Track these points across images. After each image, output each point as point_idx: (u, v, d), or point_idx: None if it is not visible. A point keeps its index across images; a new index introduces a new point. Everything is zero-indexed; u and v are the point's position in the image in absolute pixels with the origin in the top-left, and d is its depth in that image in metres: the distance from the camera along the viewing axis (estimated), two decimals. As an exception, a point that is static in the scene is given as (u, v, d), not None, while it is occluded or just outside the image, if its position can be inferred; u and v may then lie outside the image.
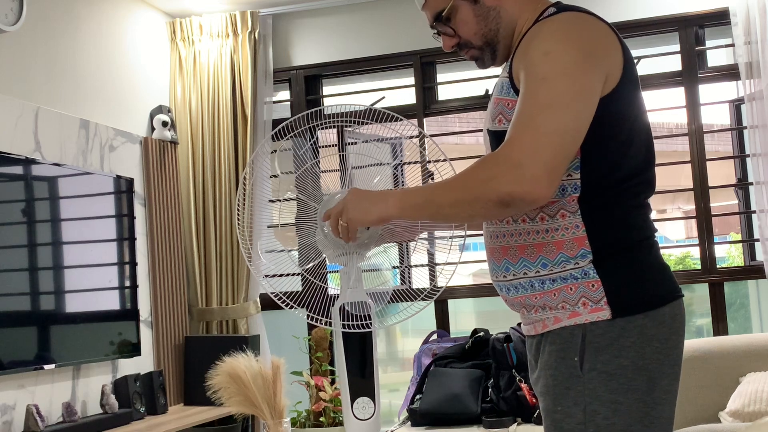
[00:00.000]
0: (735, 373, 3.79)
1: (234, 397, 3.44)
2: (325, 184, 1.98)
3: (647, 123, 1.74)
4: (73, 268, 3.79)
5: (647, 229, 1.70)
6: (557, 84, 1.56)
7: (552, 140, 1.52)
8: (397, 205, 1.66)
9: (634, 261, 1.64)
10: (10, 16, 3.50)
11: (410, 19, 4.66)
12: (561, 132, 1.53)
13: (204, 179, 4.69)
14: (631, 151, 1.66)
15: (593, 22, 1.70)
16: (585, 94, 1.57)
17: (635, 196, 1.68)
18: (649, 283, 1.63)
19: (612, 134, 1.63)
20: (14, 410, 3.41)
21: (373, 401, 1.87)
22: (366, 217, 1.71)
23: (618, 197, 1.65)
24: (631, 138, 1.67)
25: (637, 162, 1.68)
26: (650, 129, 1.75)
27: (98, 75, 4.22)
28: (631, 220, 1.66)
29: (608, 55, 1.65)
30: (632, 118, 1.68)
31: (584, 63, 1.59)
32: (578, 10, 1.73)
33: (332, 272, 2.01)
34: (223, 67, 4.72)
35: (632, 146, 1.67)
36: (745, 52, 4.10)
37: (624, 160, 1.65)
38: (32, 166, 3.60)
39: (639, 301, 1.61)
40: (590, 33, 1.66)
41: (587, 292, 1.61)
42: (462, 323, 6.11)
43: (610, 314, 1.59)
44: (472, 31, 1.81)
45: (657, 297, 1.63)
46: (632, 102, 1.68)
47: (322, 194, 1.93)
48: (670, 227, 9.24)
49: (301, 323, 4.17)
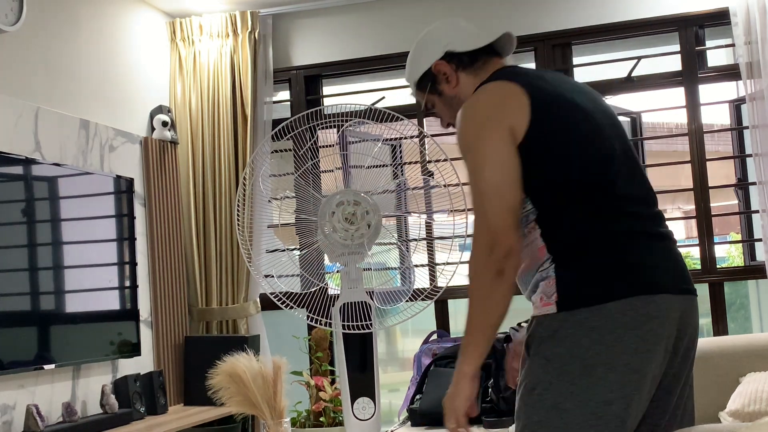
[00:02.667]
0: (735, 373, 3.79)
1: (234, 397, 3.45)
2: (325, 184, 1.99)
3: (590, 129, 1.95)
4: (73, 268, 3.79)
5: (609, 231, 1.89)
6: (474, 156, 1.91)
7: (495, 204, 1.86)
8: (467, 363, 1.97)
9: (585, 262, 1.87)
10: (10, 16, 3.50)
11: (410, 19, 4.66)
12: (496, 192, 1.87)
13: (204, 179, 4.69)
14: (571, 169, 1.90)
15: (495, 88, 2.00)
16: (493, 156, 1.89)
17: (589, 202, 1.90)
18: (597, 281, 1.84)
19: (545, 166, 1.90)
20: (14, 410, 3.41)
21: (373, 401, 1.88)
22: (460, 397, 1.96)
23: (566, 210, 1.90)
24: (569, 157, 1.91)
25: (582, 174, 1.91)
26: (600, 130, 1.96)
27: (98, 75, 4.22)
28: (585, 226, 1.89)
29: (507, 112, 1.92)
30: (565, 141, 1.91)
31: (482, 131, 1.91)
32: (498, 76, 2.03)
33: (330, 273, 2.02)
34: (223, 67, 4.72)
35: (572, 163, 1.91)
36: (746, 52, 4.10)
37: (566, 179, 1.90)
38: (32, 166, 3.60)
39: (582, 297, 1.83)
40: (487, 100, 1.98)
41: (546, 289, 1.88)
42: (462, 323, 6.11)
43: (555, 309, 1.85)
44: (447, 114, 2.19)
45: (603, 294, 1.82)
46: (556, 128, 1.91)
47: (322, 194, 1.93)
48: (670, 227, 9.23)
49: (301, 323, 4.16)
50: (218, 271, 4.66)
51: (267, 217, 2.80)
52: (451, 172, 3.09)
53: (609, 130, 1.99)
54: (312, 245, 1.81)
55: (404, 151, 2.24)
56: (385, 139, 2.40)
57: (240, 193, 1.90)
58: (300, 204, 2.07)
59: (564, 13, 4.53)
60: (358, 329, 1.78)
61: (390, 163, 2.08)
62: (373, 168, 1.97)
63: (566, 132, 1.94)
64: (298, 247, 1.90)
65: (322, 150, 4.35)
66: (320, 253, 1.86)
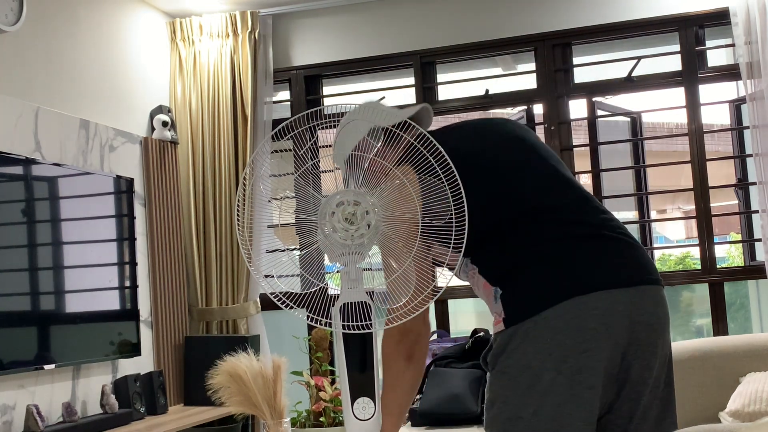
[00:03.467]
0: (735, 373, 3.79)
1: (234, 397, 3.44)
2: (325, 184, 1.98)
3: (480, 168, 2.00)
4: (73, 268, 3.79)
5: (531, 243, 1.95)
6: None
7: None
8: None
9: (520, 279, 1.93)
10: (10, 16, 3.50)
11: (410, 19, 4.66)
12: None
13: (204, 179, 4.69)
14: (486, 220, 1.94)
15: None
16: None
17: (512, 233, 1.97)
18: (529, 295, 1.90)
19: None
20: (14, 410, 3.41)
21: (373, 401, 1.87)
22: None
23: (487, 247, 1.97)
24: (485, 213, 1.93)
25: (497, 218, 1.97)
26: (496, 159, 2.04)
27: (98, 75, 4.22)
28: (507, 255, 1.96)
29: None
30: (474, 204, 1.87)
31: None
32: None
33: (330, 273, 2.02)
34: (223, 67, 4.72)
35: (486, 215, 1.94)
36: (746, 52, 4.10)
37: (484, 234, 1.93)
38: (32, 166, 3.60)
39: (523, 310, 1.89)
40: None
41: (497, 309, 1.94)
42: (462, 323, 6.12)
43: (503, 326, 1.91)
44: None
45: (538, 304, 1.88)
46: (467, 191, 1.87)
47: (322, 194, 1.93)
48: (670, 227, 9.24)
49: (301, 323, 4.16)
50: (218, 271, 4.66)
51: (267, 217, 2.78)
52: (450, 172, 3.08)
53: (508, 150, 2.07)
54: (312, 245, 1.81)
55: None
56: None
57: (240, 192, 1.90)
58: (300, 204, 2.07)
59: (564, 13, 4.53)
60: (358, 329, 1.79)
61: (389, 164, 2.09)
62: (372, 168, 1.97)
63: (480, 185, 1.98)
64: (298, 248, 1.91)
65: (322, 150, 4.36)
66: (320, 253, 1.86)
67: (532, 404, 1.85)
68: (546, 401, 1.84)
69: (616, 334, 1.86)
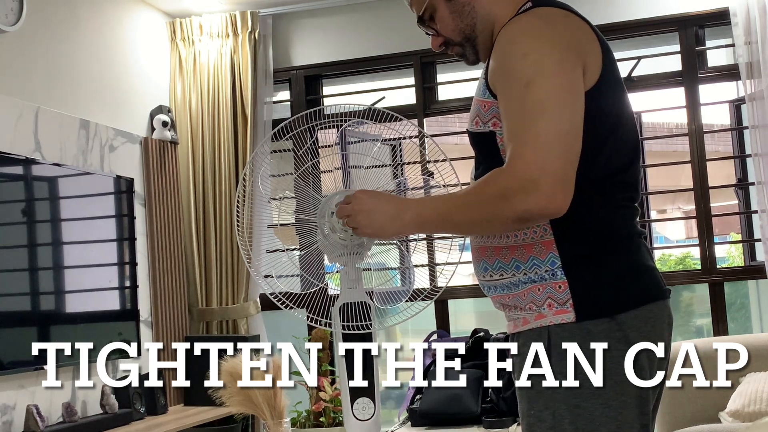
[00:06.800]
0: (735, 373, 3.79)
1: (234, 397, 3.45)
2: (325, 184, 1.98)
3: (631, 123, 1.71)
4: (73, 268, 3.79)
5: (626, 230, 1.65)
6: (543, 87, 1.52)
7: (555, 148, 1.49)
8: (414, 222, 1.66)
9: (604, 264, 1.60)
10: (10, 16, 3.50)
11: (410, 19, 4.63)
12: (562, 137, 1.50)
13: (204, 179, 4.69)
14: (606, 149, 1.62)
15: (567, 16, 1.64)
16: (573, 92, 1.54)
17: (611, 197, 1.64)
18: (618, 287, 1.59)
19: (588, 131, 1.57)
20: (14, 410, 3.41)
21: (373, 401, 1.87)
22: (381, 234, 1.74)
23: (590, 200, 1.59)
24: (608, 137, 1.63)
25: (615, 162, 1.65)
26: (635, 129, 1.73)
27: (98, 75, 4.22)
28: (604, 223, 1.62)
29: (585, 50, 1.60)
30: (613, 116, 1.64)
31: (564, 60, 1.55)
32: (556, 5, 1.68)
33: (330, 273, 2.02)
34: (223, 67, 4.72)
35: (608, 145, 1.63)
36: (746, 52, 4.10)
37: (598, 159, 1.61)
38: (32, 166, 3.60)
39: (605, 304, 1.57)
40: (564, 27, 1.61)
41: (554, 293, 1.58)
42: (462, 323, 6.11)
43: (574, 317, 1.56)
44: (449, 28, 1.80)
45: (626, 301, 1.59)
46: (614, 100, 1.65)
47: (322, 195, 1.93)
48: (670, 227, 9.23)
49: (301, 323, 4.16)
50: (218, 271, 4.66)
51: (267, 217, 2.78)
52: (450, 173, 3.09)
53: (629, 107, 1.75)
54: (312, 245, 1.81)
55: (404, 152, 2.20)
56: (385, 139, 2.40)
57: (240, 192, 1.90)
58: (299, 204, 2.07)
59: (564, 13, 4.53)
60: (358, 329, 1.79)
61: (390, 164, 2.08)
62: (372, 168, 1.97)
63: (621, 112, 1.67)
64: (297, 248, 1.90)
65: (321, 150, 4.35)
66: (320, 253, 1.86)
67: (613, 419, 1.57)
68: (627, 418, 1.60)
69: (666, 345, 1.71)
